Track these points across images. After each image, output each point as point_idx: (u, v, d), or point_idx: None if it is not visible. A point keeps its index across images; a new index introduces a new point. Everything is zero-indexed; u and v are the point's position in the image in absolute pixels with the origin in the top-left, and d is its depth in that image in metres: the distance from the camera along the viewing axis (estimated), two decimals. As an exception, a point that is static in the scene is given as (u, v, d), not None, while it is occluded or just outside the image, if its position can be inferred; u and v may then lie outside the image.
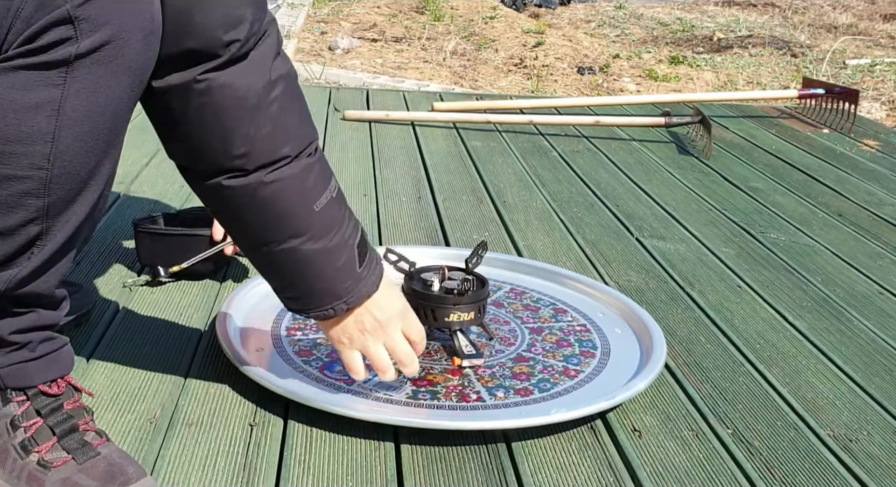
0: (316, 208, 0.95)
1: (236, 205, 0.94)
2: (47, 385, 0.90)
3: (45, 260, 0.83)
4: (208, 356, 1.20)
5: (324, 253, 0.97)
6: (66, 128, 0.77)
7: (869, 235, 1.95)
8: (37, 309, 0.88)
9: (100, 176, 0.83)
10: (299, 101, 0.95)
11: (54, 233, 0.82)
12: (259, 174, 0.91)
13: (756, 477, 1.03)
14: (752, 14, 7.07)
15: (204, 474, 0.96)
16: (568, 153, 2.48)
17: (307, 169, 0.95)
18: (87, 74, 0.77)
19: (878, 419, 1.19)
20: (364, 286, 1.00)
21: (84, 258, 1.49)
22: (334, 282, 0.99)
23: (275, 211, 0.93)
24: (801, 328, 1.45)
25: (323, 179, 0.97)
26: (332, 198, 0.97)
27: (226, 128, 0.89)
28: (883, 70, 4.85)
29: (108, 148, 0.83)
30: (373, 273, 1.02)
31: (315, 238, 0.96)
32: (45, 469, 0.87)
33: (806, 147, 2.74)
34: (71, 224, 0.83)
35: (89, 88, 0.77)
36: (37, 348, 0.89)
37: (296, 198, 0.94)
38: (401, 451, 1.02)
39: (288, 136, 0.92)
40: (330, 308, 1.00)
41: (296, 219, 0.94)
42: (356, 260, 0.99)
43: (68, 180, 0.80)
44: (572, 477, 1.00)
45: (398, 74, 4.41)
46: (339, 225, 0.98)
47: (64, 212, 0.82)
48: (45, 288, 0.86)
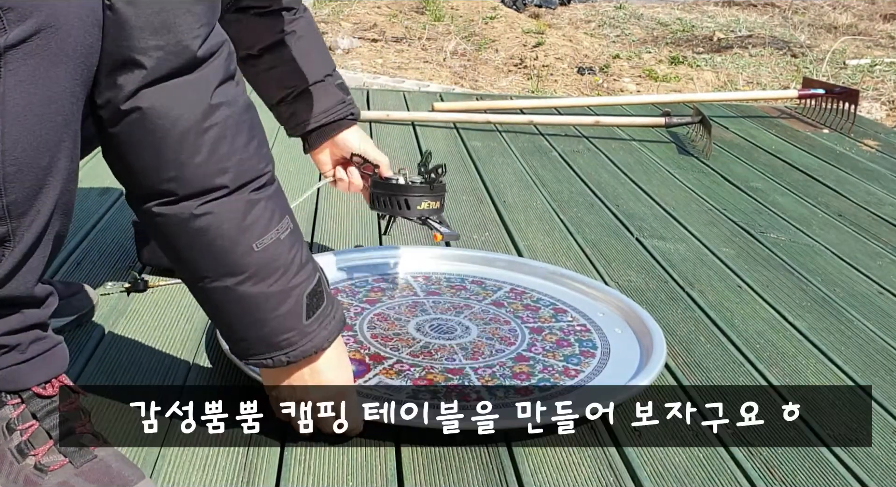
0: (256, 248, 0.89)
1: (169, 234, 0.89)
2: (41, 386, 0.89)
3: (18, 261, 0.81)
4: (209, 355, 1.20)
5: (262, 298, 0.91)
6: (10, 124, 0.75)
7: (869, 235, 1.95)
8: (21, 310, 0.86)
9: (57, 170, 0.81)
10: (248, 133, 0.89)
11: (21, 233, 0.80)
12: (190, 203, 0.87)
13: (756, 477, 1.03)
14: (752, 14, 7.07)
15: (204, 474, 0.96)
16: (568, 153, 2.48)
17: (249, 204, 0.89)
18: (22, 66, 0.74)
19: (877, 418, 1.19)
20: (310, 341, 0.95)
21: (84, 258, 1.49)
22: (274, 332, 0.93)
23: (207, 245, 0.88)
24: (801, 328, 1.45)
25: (271, 218, 0.91)
26: (278, 239, 0.91)
27: (155, 150, 0.85)
28: (883, 70, 4.85)
29: (61, 140, 0.80)
30: (323, 327, 0.96)
31: (252, 280, 0.90)
32: (42, 472, 0.86)
33: (806, 147, 2.74)
34: (38, 223, 0.81)
35: (28, 80, 0.75)
36: (27, 349, 0.87)
37: (231, 235, 0.88)
38: (401, 451, 1.02)
39: (224, 167, 0.87)
40: (268, 358, 0.95)
41: (230, 256, 0.89)
42: (303, 311, 0.94)
43: (24, 177, 0.78)
44: (572, 477, 1.00)
45: (398, 74, 4.41)
46: (285, 269, 0.92)
47: (28, 212, 0.80)
48: (23, 290, 0.84)
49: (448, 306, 1.38)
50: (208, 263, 0.90)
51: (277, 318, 0.93)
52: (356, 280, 1.46)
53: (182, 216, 0.87)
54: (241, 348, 0.97)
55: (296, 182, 1.98)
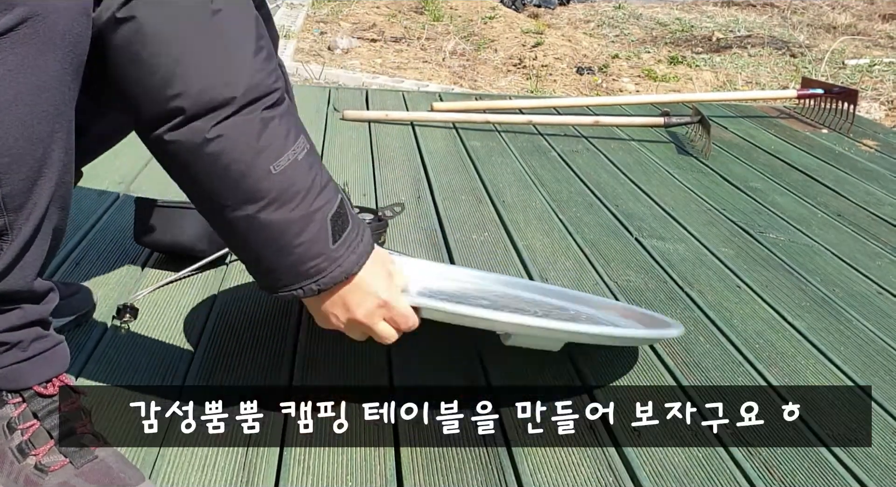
0: (273, 170, 0.85)
1: (184, 164, 0.85)
2: (42, 385, 0.89)
3: (16, 254, 0.81)
4: (208, 355, 1.20)
5: (284, 225, 0.87)
6: (1, 113, 0.75)
7: (868, 235, 1.95)
8: (20, 305, 0.86)
9: (52, 161, 0.80)
10: (255, 43, 0.85)
11: (19, 226, 0.80)
12: (200, 125, 0.82)
13: (755, 477, 1.03)
14: (751, 14, 7.07)
15: (204, 473, 0.96)
16: (567, 153, 2.48)
17: (262, 124, 0.84)
18: (10, 55, 0.74)
19: (877, 418, 1.19)
20: (339, 267, 0.90)
21: (83, 258, 1.49)
22: (301, 260, 0.89)
23: (223, 171, 0.83)
24: (800, 328, 1.45)
25: (286, 138, 0.86)
26: (295, 161, 0.86)
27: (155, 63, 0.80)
28: (882, 70, 4.85)
29: (54, 130, 0.79)
30: (352, 251, 0.92)
31: (273, 206, 0.86)
32: (43, 473, 0.86)
33: (805, 147, 2.74)
34: (35, 215, 0.81)
35: (16, 69, 0.75)
36: (28, 347, 0.87)
37: (246, 158, 0.83)
38: (400, 451, 1.02)
39: (231, 80, 0.82)
40: (298, 288, 0.91)
41: (247, 181, 0.84)
42: (328, 236, 0.89)
43: (18, 168, 0.77)
44: (572, 477, 1.00)
45: (397, 74, 4.41)
46: (306, 192, 0.87)
47: (24, 204, 0.80)
48: (21, 284, 0.84)
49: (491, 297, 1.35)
50: (226, 191, 0.85)
51: (303, 245, 0.88)
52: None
53: (194, 141, 0.82)
54: (270, 281, 0.92)
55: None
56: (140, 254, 1.51)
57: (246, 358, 1.20)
